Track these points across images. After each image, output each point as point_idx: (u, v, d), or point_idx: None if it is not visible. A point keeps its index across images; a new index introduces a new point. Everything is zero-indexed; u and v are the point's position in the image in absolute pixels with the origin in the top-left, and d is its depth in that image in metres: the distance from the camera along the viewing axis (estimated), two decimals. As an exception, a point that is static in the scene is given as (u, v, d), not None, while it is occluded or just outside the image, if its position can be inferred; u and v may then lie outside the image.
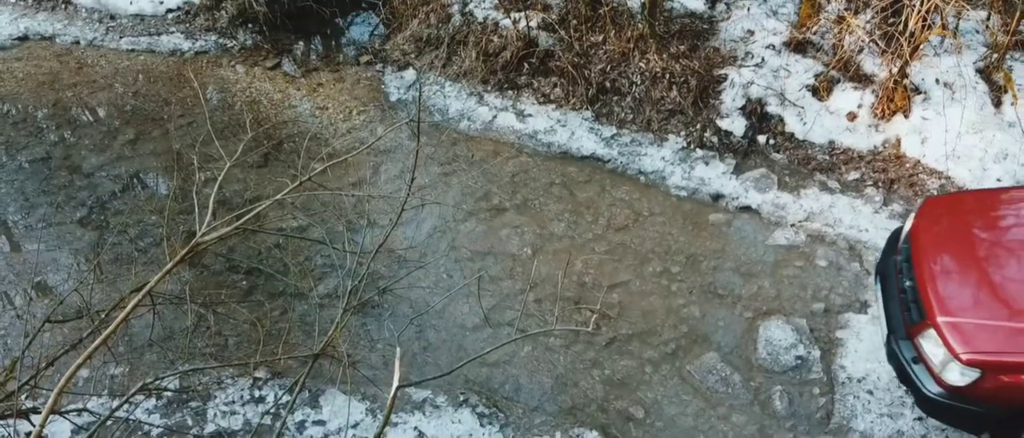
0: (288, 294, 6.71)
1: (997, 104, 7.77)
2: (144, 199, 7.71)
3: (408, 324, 6.16)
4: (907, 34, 7.48)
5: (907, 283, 5.39)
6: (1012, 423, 4.87)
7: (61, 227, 7.44)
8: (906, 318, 5.31)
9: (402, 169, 7.87)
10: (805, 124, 7.99)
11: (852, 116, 7.98)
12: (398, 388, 4.60)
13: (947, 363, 4.87)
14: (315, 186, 6.18)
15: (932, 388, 5.00)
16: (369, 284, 6.22)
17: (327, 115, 8.73)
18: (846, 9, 8.29)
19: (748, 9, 8.92)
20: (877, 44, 8.01)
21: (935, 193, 7.44)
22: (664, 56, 8.38)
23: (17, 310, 6.65)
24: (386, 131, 8.01)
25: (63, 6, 10.23)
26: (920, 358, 5.11)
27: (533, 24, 8.79)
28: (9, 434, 5.00)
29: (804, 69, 8.28)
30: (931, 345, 5.00)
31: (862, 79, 8.14)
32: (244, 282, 6.88)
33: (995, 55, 7.99)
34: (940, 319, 4.96)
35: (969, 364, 4.75)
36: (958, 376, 4.83)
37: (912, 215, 5.90)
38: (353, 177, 7.80)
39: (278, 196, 5.43)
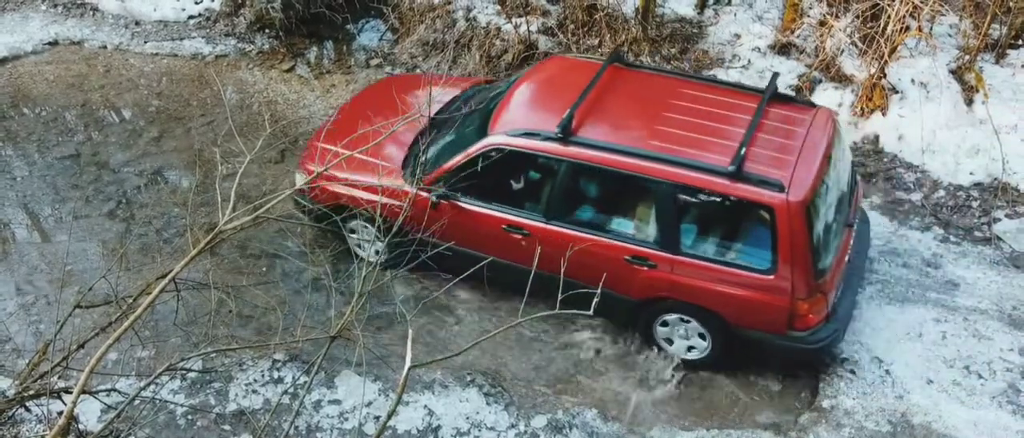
0: (305, 280, 6.62)
1: (969, 102, 7.71)
2: (168, 193, 7.62)
3: (419, 308, 6.07)
4: (885, 36, 7.41)
5: None
6: (325, 217, 6.02)
7: (89, 219, 7.35)
8: None
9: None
10: (789, 121, 7.91)
11: (833, 114, 7.91)
12: (410, 368, 4.53)
13: (297, 173, 6.58)
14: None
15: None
16: (382, 270, 6.15)
17: (340, 114, 8.63)
18: (828, 13, 8.22)
19: (735, 14, 8.84)
20: (857, 46, 7.95)
21: (910, 185, 7.39)
22: (656, 58, 8.30)
23: (49, 297, 6.57)
24: (395, 127, 7.90)
25: (91, 13, 10.11)
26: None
27: (533, 28, 8.71)
28: (42, 412, 4.93)
29: (788, 70, 8.20)
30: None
31: (843, 79, 8.08)
32: (264, 269, 6.80)
33: (967, 57, 7.93)
34: (314, 143, 6.60)
35: (303, 171, 6.45)
36: (299, 180, 6.43)
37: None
38: (365, 172, 7.69)
39: (296, 187, 5.35)
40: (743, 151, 5.24)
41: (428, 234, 5.69)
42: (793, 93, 7.04)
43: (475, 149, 5.82)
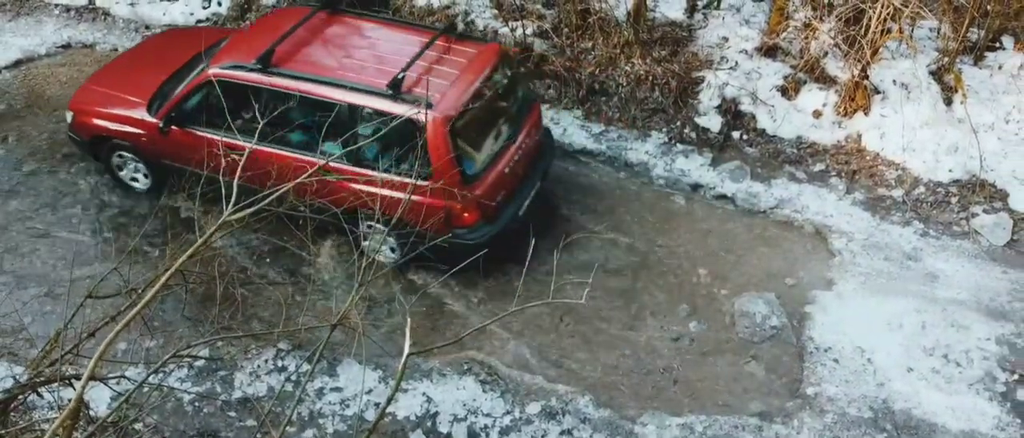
0: (308, 271, 6.61)
1: (948, 103, 7.72)
2: (176, 186, 7.59)
3: (417, 297, 6.08)
4: (867, 39, 7.42)
5: None
6: (93, 146, 7.29)
7: (99, 213, 7.34)
8: None
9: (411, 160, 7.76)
10: (775, 121, 7.93)
11: (817, 114, 7.92)
12: (409, 355, 4.52)
13: (67, 112, 7.32)
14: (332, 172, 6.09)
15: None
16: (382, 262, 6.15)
17: (342, 114, 8.61)
18: (812, 16, 8.23)
19: (723, 18, 8.84)
20: (840, 48, 7.96)
21: (892, 181, 7.40)
22: (647, 60, 8.31)
23: (60, 288, 6.56)
24: (396, 122, 7.89)
25: (102, 17, 10.09)
26: None
27: (529, 32, 8.71)
28: (54, 399, 4.92)
29: (774, 71, 8.22)
30: None
31: (826, 80, 8.09)
32: (268, 260, 6.79)
33: (946, 59, 7.95)
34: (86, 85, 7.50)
35: (70, 109, 7.31)
36: (68, 117, 7.29)
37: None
38: (366, 169, 7.68)
39: (299, 179, 5.34)
40: (401, 76, 5.99)
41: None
42: (473, 32, 7.97)
43: (195, 81, 6.60)
